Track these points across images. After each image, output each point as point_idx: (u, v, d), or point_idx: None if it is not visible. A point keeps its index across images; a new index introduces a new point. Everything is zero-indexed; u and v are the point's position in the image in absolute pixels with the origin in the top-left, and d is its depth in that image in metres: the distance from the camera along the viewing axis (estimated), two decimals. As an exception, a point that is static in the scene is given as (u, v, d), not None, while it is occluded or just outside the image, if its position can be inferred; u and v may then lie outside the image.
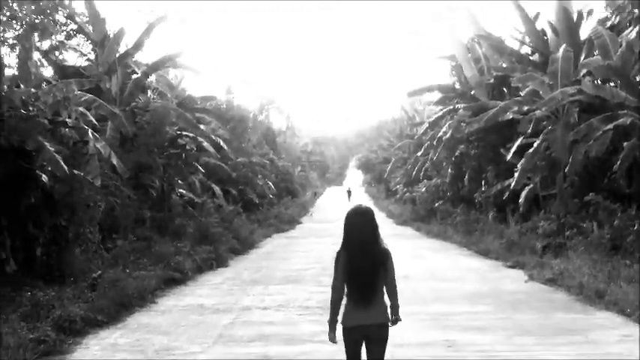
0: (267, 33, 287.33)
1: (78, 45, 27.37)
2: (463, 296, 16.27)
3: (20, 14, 15.37)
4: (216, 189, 36.68)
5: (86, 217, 17.59)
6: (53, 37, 16.43)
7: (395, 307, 6.64)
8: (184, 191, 30.72)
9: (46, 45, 17.67)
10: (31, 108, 15.88)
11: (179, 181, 29.99)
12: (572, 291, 16.09)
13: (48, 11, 14.89)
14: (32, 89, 16.36)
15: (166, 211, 26.60)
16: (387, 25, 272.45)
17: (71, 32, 26.00)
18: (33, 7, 15.22)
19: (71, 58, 27.63)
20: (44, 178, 15.94)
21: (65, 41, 26.00)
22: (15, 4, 15.06)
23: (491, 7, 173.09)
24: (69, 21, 25.45)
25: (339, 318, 6.58)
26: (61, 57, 26.58)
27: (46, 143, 16.04)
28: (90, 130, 19.27)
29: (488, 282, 18.60)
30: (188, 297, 16.93)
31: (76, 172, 17.01)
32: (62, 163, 16.00)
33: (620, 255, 18.10)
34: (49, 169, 16.02)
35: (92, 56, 27.41)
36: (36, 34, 17.41)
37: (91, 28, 26.64)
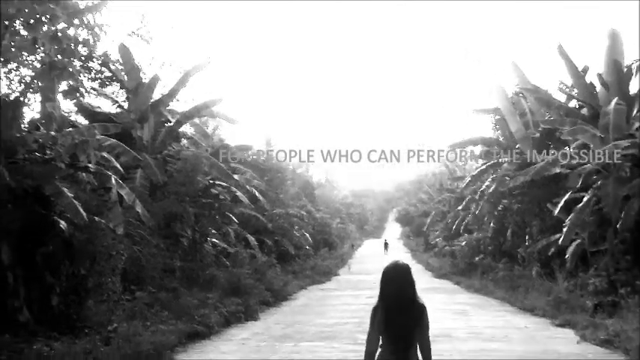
0: (312, 88, 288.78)
1: (113, 93, 27.08)
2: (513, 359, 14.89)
3: (40, 51, 14.58)
4: (251, 239, 36.00)
5: (107, 267, 16.75)
6: (77, 78, 15.50)
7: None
8: (217, 241, 29.89)
9: (67, 86, 16.66)
10: (48, 152, 15.10)
11: (212, 231, 29.22)
12: (631, 354, 14.68)
13: (65, 47, 14.06)
14: (52, 132, 15.53)
15: (197, 261, 25.74)
16: (428, 80, 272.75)
17: (105, 79, 25.71)
18: (55, 47, 14.41)
19: (106, 106, 27.27)
20: (63, 225, 15.11)
21: (99, 88, 25.72)
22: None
23: (536, 60, 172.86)
24: (103, 68, 25.15)
25: None
26: (93, 103, 26.26)
27: (65, 189, 15.27)
28: (113, 176, 18.44)
29: (538, 343, 17.15)
30: (210, 354, 15.73)
31: (97, 219, 16.19)
32: (81, 209, 15.21)
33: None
34: (68, 215, 15.20)
35: (126, 104, 27.00)
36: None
37: (125, 75, 26.24)
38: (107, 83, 26.23)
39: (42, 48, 14.22)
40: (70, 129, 17.25)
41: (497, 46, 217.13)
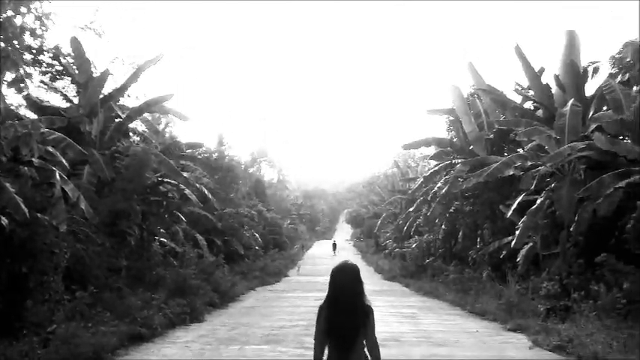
0: (261, 82, 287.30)
1: (63, 87, 26.49)
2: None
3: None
4: (200, 239, 35.46)
5: (49, 265, 16.04)
6: (20, 67, 14.84)
7: None
8: (166, 240, 29.28)
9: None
10: (-12, 144, 14.49)
11: (161, 230, 28.61)
12: (585, 360, 14.46)
13: (10, 35, 13.47)
14: (-6, 125, 14.88)
15: (144, 260, 25.14)
16: (383, 78, 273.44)
17: (56, 73, 25.14)
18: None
19: (57, 101, 26.63)
20: (4, 220, 14.44)
21: (50, 82, 25.12)
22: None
23: (492, 60, 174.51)
24: (54, 61, 24.56)
25: None
26: (44, 97, 25.65)
27: (7, 184, 14.63)
28: (57, 171, 17.80)
29: (489, 348, 16.83)
30: (152, 357, 15.12)
31: (39, 215, 15.55)
32: (23, 205, 14.58)
33: (631, 321, 16.56)
34: (9, 211, 14.56)
35: (77, 99, 26.39)
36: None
37: (76, 69, 25.64)
38: (58, 77, 25.69)
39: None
40: (14, 121, 16.55)
41: (454, 45, 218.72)
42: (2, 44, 13.73)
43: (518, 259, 25.72)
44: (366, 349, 6.48)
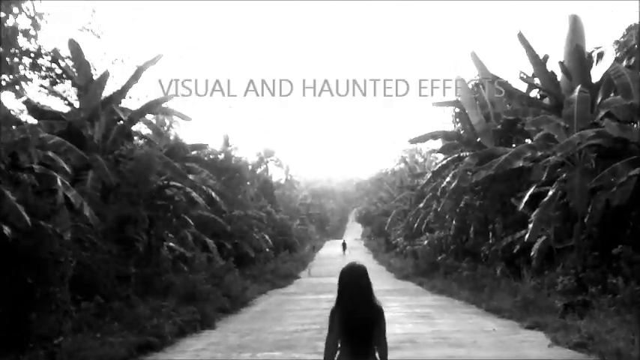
0: (265, 78, 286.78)
1: (64, 91, 26.20)
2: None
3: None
4: (210, 242, 35.04)
5: (55, 275, 15.64)
6: (13, 69, 14.45)
7: None
8: (175, 245, 28.86)
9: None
10: (-15, 151, 14.11)
11: (169, 235, 28.20)
12: (607, 358, 13.93)
13: (2, 36, 13.09)
14: (-10, 131, 14.49)
15: (153, 266, 24.71)
16: (388, 72, 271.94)
17: (55, 77, 24.84)
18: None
19: (58, 105, 26.36)
20: (6, 230, 14.05)
21: (50, 87, 24.84)
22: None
23: (497, 50, 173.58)
24: (53, 65, 24.25)
25: None
26: (45, 102, 25.38)
27: (7, 191, 14.25)
28: (59, 177, 17.43)
29: (508, 347, 16.35)
30: (162, 367, 14.79)
31: (42, 223, 15.16)
32: (24, 213, 14.19)
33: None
34: (11, 220, 14.17)
35: (78, 103, 26.09)
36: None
37: (75, 72, 25.33)
38: (58, 81, 25.35)
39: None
40: (11, 126, 16.19)
41: (457, 35, 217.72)
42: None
43: (532, 254, 25.22)
44: (376, 353, 6.39)
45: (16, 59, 14.59)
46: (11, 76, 14.71)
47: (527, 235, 24.58)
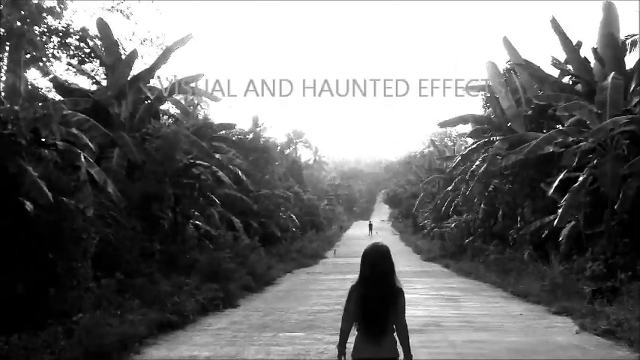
0: (299, 65, 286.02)
1: (92, 70, 26.26)
2: (508, 351, 13.72)
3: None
4: (236, 221, 34.95)
5: (77, 251, 15.53)
6: (37, 45, 14.35)
7: (405, 346, 6.55)
8: (200, 223, 28.79)
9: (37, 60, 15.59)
10: (10, 126, 13.95)
11: (195, 213, 28.12)
12: (635, 346, 13.57)
13: (28, 20, 12.98)
14: (15, 107, 14.36)
15: (179, 244, 24.65)
16: (420, 57, 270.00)
17: (84, 56, 24.87)
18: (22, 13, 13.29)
19: (86, 84, 26.39)
20: (28, 205, 13.96)
21: (78, 65, 24.85)
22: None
23: (528, 35, 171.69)
24: (82, 44, 24.27)
25: (350, 350, 6.57)
26: (72, 80, 25.41)
27: (29, 167, 14.15)
28: (82, 154, 17.31)
29: (534, 332, 16.05)
30: (182, 346, 14.52)
31: (64, 199, 15.05)
32: (46, 189, 14.09)
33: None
34: (32, 196, 14.07)
35: (105, 82, 26.10)
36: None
37: (104, 51, 25.33)
38: (86, 60, 25.38)
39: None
40: (35, 102, 16.05)
41: (489, 20, 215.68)
42: (18, 23, 13.23)
43: (560, 239, 24.87)
44: (395, 334, 6.50)
45: (43, 37, 14.49)
46: (35, 53, 14.59)
47: (556, 220, 24.19)
